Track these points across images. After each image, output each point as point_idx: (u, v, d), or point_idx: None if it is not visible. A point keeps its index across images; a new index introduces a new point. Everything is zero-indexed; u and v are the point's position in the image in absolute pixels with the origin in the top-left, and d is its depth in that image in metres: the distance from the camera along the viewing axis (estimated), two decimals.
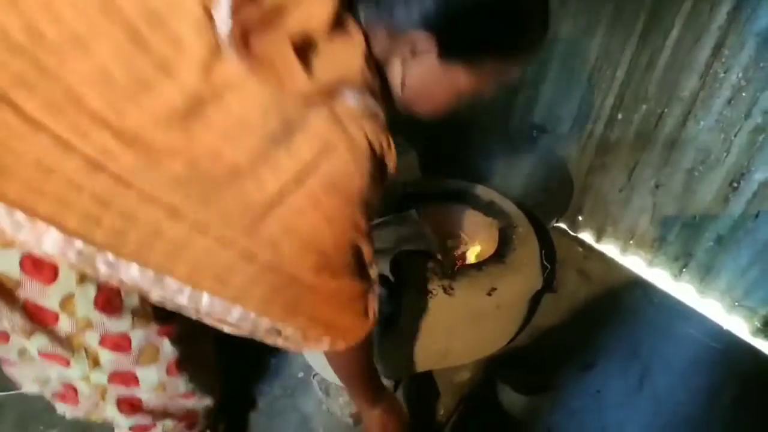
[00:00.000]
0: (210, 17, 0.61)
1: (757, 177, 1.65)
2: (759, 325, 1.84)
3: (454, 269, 1.52)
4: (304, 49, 0.65)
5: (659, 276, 2.02)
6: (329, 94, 0.67)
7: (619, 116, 1.88)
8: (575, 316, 1.87)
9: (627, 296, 1.95)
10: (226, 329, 0.79)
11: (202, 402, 1.14)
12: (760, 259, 1.74)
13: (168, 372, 0.99)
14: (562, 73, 1.97)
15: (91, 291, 0.82)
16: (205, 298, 0.74)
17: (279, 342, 0.82)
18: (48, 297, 0.80)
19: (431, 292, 1.43)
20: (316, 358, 1.45)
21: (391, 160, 0.76)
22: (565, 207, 2.09)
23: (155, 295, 0.75)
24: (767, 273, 1.75)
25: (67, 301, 0.81)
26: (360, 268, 0.80)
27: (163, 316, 0.92)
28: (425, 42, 0.70)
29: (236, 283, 0.74)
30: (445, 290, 1.44)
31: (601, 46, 1.83)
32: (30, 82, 0.62)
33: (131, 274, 0.71)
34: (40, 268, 0.77)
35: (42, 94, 0.62)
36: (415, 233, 1.49)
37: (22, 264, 0.76)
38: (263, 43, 0.64)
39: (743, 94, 1.61)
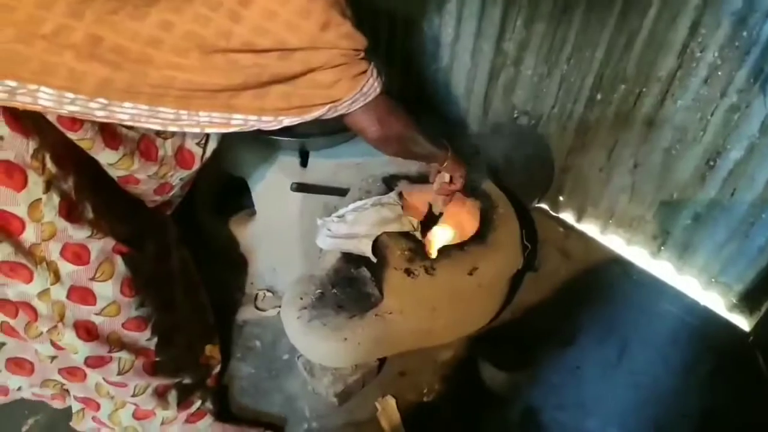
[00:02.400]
0: None
1: (732, 155, 1.67)
2: (735, 301, 1.89)
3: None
4: None
5: (638, 254, 2.06)
6: None
7: (599, 96, 1.89)
8: (556, 295, 1.90)
9: (607, 274, 1.99)
10: (231, 130, 0.92)
11: (152, 341, 1.19)
12: (736, 236, 1.78)
13: (122, 290, 1.06)
14: (541, 54, 1.97)
15: (55, 199, 0.91)
16: (203, 116, 0.87)
17: (285, 123, 0.94)
18: (18, 204, 0.88)
19: (413, 273, 1.45)
20: (301, 341, 1.46)
21: None
22: (546, 187, 2.11)
23: (155, 125, 0.87)
24: (743, 250, 1.79)
25: (34, 208, 0.89)
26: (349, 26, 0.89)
27: (119, 233, 1.03)
28: None
29: (224, 95, 0.86)
30: (426, 270, 1.46)
31: (580, 26, 1.83)
32: None
33: (127, 111, 0.83)
34: (11, 175, 0.85)
35: None
36: (396, 215, 1.50)
37: None
38: None
39: (719, 74, 1.62)
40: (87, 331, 1.07)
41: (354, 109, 1.00)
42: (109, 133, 0.93)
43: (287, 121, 0.93)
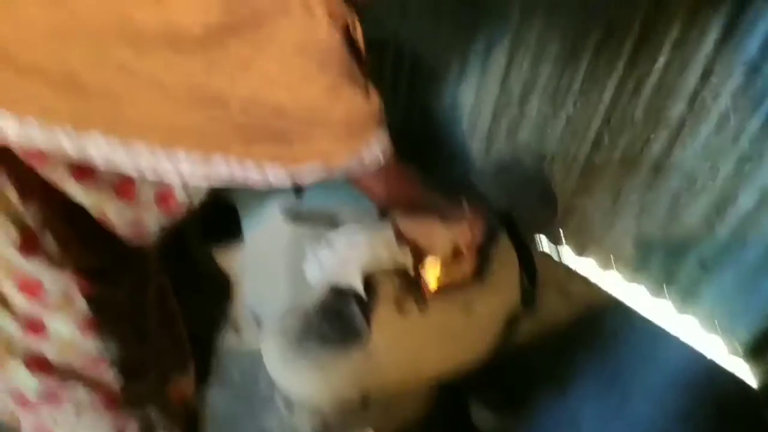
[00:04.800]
0: None
1: (743, 205, 1.62)
2: (741, 352, 1.79)
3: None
4: None
5: (640, 298, 1.98)
6: None
7: (605, 140, 1.86)
8: (553, 337, 1.81)
9: (607, 318, 1.90)
10: (213, 182, 0.83)
11: (113, 377, 1.11)
12: (744, 285, 1.70)
13: (80, 329, 0.98)
14: (547, 95, 1.95)
15: (12, 231, 0.84)
16: (182, 157, 0.77)
17: (270, 180, 0.84)
18: None
19: (404, 309, 1.39)
20: (281, 374, 1.38)
21: (359, 38, 0.82)
22: (548, 227, 2.06)
23: (130, 165, 0.77)
24: (751, 300, 1.70)
25: None
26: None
27: (82, 271, 0.94)
28: None
29: (211, 139, 0.77)
30: (418, 307, 1.39)
31: (587, 68, 1.82)
32: None
33: (98, 147, 0.74)
34: None
35: None
36: (389, 248, 1.44)
37: None
38: None
39: (731, 122, 1.58)
40: (38, 366, 0.99)
41: (351, 175, 0.93)
42: (81, 168, 0.86)
43: (274, 178, 0.85)
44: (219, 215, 1.82)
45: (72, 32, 0.68)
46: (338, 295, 1.53)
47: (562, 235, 2.11)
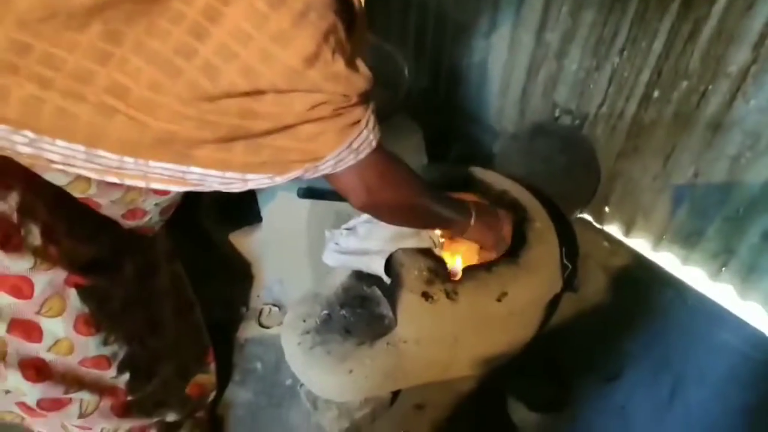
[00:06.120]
0: None
1: None
2: None
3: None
4: None
5: (695, 275, 1.81)
6: None
7: (656, 94, 1.66)
8: (598, 320, 1.68)
9: (658, 297, 1.75)
10: (183, 188, 0.75)
11: (120, 378, 1.04)
12: None
13: (75, 327, 0.90)
14: (589, 45, 1.75)
15: None
16: (153, 165, 0.71)
17: (250, 186, 0.76)
18: None
19: (432, 297, 1.26)
20: (302, 371, 1.29)
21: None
22: (590, 196, 1.89)
23: (90, 173, 0.71)
24: None
25: None
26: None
27: (75, 263, 0.87)
28: None
29: (179, 143, 0.69)
30: (448, 295, 1.26)
31: (636, 13, 1.61)
32: None
33: (58, 151, 0.67)
34: None
35: None
36: (414, 229, 1.31)
37: None
38: None
39: None
40: (36, 371, 0.92)
41: (341, 168, 0.79)
42: None
43: (254, 182, 0.75)
44: (234, 195, 1.72)
45: None
46: (362, 278, 1.42)
47: (606, 210, 1.94)
